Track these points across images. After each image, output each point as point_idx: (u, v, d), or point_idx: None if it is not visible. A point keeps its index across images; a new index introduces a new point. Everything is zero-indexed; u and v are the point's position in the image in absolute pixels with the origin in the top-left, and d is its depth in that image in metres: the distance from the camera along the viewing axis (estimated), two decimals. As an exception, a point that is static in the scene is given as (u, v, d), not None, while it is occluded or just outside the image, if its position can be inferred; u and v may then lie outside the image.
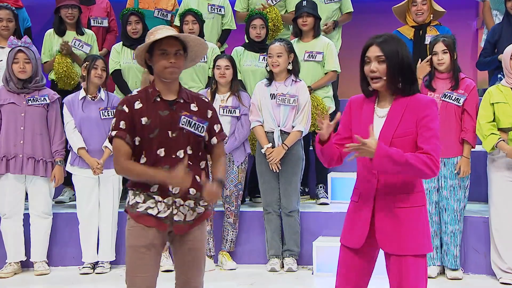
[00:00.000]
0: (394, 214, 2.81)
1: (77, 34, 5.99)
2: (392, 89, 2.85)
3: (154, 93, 3.05)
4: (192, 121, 3.04)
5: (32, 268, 5.27)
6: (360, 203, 2.90)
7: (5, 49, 5.62)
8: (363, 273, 2.95)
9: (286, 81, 5.17)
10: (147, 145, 3.00)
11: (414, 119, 2.80)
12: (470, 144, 4.92)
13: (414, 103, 2.82)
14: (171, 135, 3.01)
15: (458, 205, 4.94)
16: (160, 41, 2.98)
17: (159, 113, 3.01)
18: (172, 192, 3.01)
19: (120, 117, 3.01)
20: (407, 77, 2.83)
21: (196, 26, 5.80)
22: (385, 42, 2.81)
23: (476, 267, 5.09)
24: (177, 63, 3.00)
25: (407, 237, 2.80)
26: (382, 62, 2.81)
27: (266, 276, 5.11)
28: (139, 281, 3.03)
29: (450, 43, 4.94)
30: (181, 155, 3.02)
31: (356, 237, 2.88)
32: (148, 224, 3.02)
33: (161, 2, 6.46)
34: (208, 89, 5.40)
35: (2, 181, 5.17)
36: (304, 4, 5.79)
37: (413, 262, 2.80)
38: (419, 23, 5.66)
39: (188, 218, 3.06)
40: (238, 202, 5.34)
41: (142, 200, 3.03)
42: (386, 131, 2.83)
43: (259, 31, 5.79)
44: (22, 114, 5.12)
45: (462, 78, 4.97)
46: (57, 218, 5.40)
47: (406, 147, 2.78)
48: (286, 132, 5.16)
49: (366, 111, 2.91)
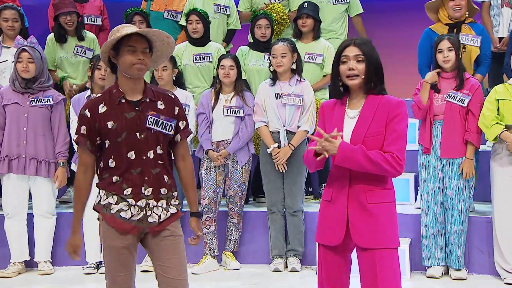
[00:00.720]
0: (367, 210, 2.92)
1: (78, 40, 6.00)
2: (366, 88, 2.97)
3: (118, 94, 2.99)
4: (160, 120, 2.99)
5: (36, 268, 5.28)
6: (333, 202, 2.99)
7: (11, 48, 5.65)
8: (344, 269, 3.05)
9: (290, 81, 5.17)
10: (116, 149, 2.96)
11: (384, 119, 2.92)
12: (474, 145, 4.90)
13: (385, 103, 2.95)
14: (140, 136, 2.97)
15: (463, 205, 4.92)
16: (127, 38, 2.93)
17: (125, 115, 2.96)
18: (145, 194, 2.99)
19: (82, 121, 2.99)
20: (380, 77, 2.97)
21: (199, 26, 5.81)
22: (362, 43, 2.96)
23: (481, 267, 5.08)
24: (144, 60, 2.95)
25: (381, 231, 2.92)
26: (361, 62, 2.93)
27: (270, 276, 5.11)
28: (120, 280, 3.04)
29: (455, 41, 4.92)
30: (152, 156, 2.99)
31: (334, 234, 2.97)
32: (122, 230, 2.99)
33: (173, 3, 6.46)
34: (212, 89, 5.40)
35: (5, 180, 5.18)
36: (305, 6, 5.80)
37: (387, 255, 2.92)
38: (456, 19, 5.45)
39: (162, 218, 3.03)
40: (241, 202, 5.34)
41: (114, 202, 3.00)
42: (358, 130, 2.94)
43: (264, 31, 5.80)
44: (25, 115, 5.13)
45: (467, 78, 4.95)
46: (61, 218, 5.40)
47: (378, 145, 2.91)
48: (291, 132, 5.16)
49: (337, 113, 3.02)
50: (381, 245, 2.91)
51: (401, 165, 2.89)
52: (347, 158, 2.84)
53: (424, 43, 5.56)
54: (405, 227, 5.12)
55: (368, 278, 2.94)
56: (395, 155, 2.87)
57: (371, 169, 2.87)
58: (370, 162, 2.84)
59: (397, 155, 2.88)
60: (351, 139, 2.93)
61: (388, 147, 2.90)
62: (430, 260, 4.97)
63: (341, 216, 2.95)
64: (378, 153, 2.87)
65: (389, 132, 2.91)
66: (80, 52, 5.95)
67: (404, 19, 7.48)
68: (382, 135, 2.92)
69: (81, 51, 5.95)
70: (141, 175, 2.98)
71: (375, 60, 2.94)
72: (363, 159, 2.84)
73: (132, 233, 3.01)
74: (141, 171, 2.97)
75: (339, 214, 2.96)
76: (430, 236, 4.97)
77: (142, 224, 3.01)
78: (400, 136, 2.92)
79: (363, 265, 2.97)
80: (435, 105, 4.94)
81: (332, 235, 2.98)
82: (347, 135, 2.95)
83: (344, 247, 3.01)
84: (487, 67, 5.53)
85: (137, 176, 2.98)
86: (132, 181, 2.97)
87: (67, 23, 5.93)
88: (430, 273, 4.96)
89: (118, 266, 3.03)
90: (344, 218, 2.95)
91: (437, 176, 4.97)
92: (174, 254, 3.04)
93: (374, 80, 2.95)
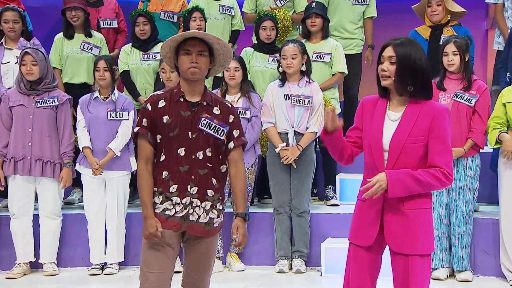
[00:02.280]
0: (403, 214, 2.89)
1: (86, 37, 6.02)
2: (400, 91, 2.91)
3: (178, 93, 3.11)
4: (213, 123, 3.09)
5: (41, 269, 5.28)
6: (369, 203, 2.95)
7: (13, 50, 5.66)
8: (373, 270, 3.03)
9: (299, 82, 5.17)
10: (167, 143, 3.06)
11: (427, 126, 2.87)
12: (474, 142, 4.87)
13: (428, 110, 2.90)
14: (191, 135, 3.06)
15: (467, 207, 4.91)
16: (184, 42, 3.04)
17: (180, 113, 3.07)
18: (190, 193, 3.06)
19: (143, 114, 3.10)
20: (418, 80, 2.89)
21: (203, 23, 5.86)
22: (400, 44, 2.91)
23: (486, 269, 5.06)
24: (199, 63, 3.04)
25: (415, 237, 2.89)
26: (393, 63, 2.89)
27: (275, 278, 5.10)
28: (152, 277, 3.05)
29: (461, 44, 4.91)
30: (201, 157, 3.06)
31: (367, 235, 2.96)
32: (164, 226, 3.06)
33: (169, 4, 6.47)
34: (218, 90, 5.40)
35: (11, 181, 5.19)
36: (313, 6, 5.79)
37: (420, 261, 2.90)
38: (434, 23, 5.60)
39: (201, 219, 3.10)
40: (247, 203, 5.33)
41: (160, 201, 3.08)
42: (399, 135, 2.89)
43: (269, 33, 5.79)
44: (31, 116, 5.14)
45: (475, 80, 4.95)
46: (66, 219, 5.42)
47: (417, 152, 2.88)
48: (299, 133, 5.16)
49: (378, 113, 2.98)
50: (416, 251, 2.89)
51: (450, 180, 2.87)
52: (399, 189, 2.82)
53: None
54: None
55: (400, 283, 2.93)
56: (445, 170, 2.84)
57: (423, 191, 2.86)
58: (421, 185, 2.83)
59: (447, 170, 2.84)
60: (390, 143, 2.90)
61: (436, 159, 2.85)
62: (434, 262, 4.95)
63: (375, 217, 2.94)
64: (426, 173, 2.84)
65: (435, 141, 2.87)
66: (86, 48, 5.96)
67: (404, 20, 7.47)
68: (423, 142, 2.88)
69: (88, 47, 5.97)
70: (188, 173, 3.05)
71: (410, 62, 2.87)
72: (414, 185, 2.83)
73: (174, 229, 3.06)
74: (188, 169, 3.05)
75: (373, 215, 2.94)
76: (435, 237, 4.95)
77: (184, 222, 3.07)
78: (448, 147, 2.88)
79: (396, 269, 2.96)
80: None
81: (364, 236, 2.98)
82: (387, 138, 2.92)
83: (375, 249, 2.99)
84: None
85: (185, 173, 3.05)
86: (179, 178, 3.05)
87: (72, 18, 5.95)
88: (435, 275, 4.93)
89: (152, 262, 3.06)
90: (377, 220, 2.94)
91: (443, 178, 4.96)
92: (204, 258, 3.16)
93: (410, 83, 2.88)
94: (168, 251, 3.08)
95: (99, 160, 5.15)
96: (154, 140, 3.08)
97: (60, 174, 5.19)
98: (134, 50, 5.96)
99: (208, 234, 3.14)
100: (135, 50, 5.95)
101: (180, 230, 3.09)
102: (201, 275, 3.19)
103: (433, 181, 2.83)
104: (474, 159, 4.94)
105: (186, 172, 3.05)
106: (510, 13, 5.85)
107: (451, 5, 5.60)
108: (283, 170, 5.18)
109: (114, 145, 5.17)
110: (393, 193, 2.83)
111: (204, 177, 3.08)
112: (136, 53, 5.94)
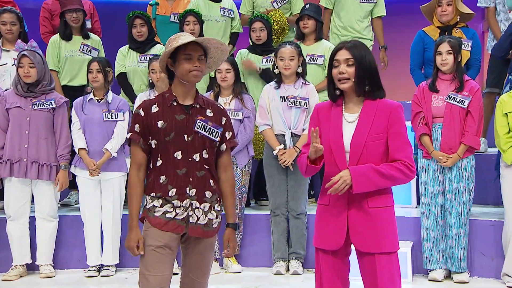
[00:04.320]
0: (367, 214, 2.94)
1: (83, 38, 6.02)
2: (358, 92, 2.97)
3: (170, 97, 3.12)
4: (207, 125, 3.11)
5: (38, 271, 5.29)
6: (332, 206, 2.99)
7: (11, 52, 5.66)
8: (342, 272, 3.06)
9: (295, 84, 5.17)
10: (164, 148, 3.08)
11: (385, 123, 2.94)
12: (468, 146, 4.84)
13: (383, 107, 2.96)
14: (187, 138, 3.08)
15: (463, 208, 4.90)
16: (184, 46, 3.08)
17: (175, 117, 3.09)
18: (189, 195, 3.08)
19: (136, 120, 3.11)
20: (374, 80, 2.97)
21: (197, 27, 5.88)
22: (354, 47, 2.98)
23: (483, 271, 5.05)
24: (200, 66, 3.09)
25: (382, 235, 2.94)
26: (351, 65, 2.94)
27: (272, 279, 5.10)
28: (153, 280, 3.06)
29: (455, 44, 4.91)
30: (197, 159, 3.09)
31: (334, 239, 2.99)
32: (165, 229, 3.08)
33: (179, 6, 6.48)
34: (211, 92, 5.40)
35: (7, 183, 5.20)
36: (307, 7, 5.80)
37: (386, 259, 2.95)
38: (444, 23, 5.55)
39: (200, 221, 3.12)
40: (242, 205, 5.33)
41: (159, 204, 3.09)
42: (358, 135, 2.94)
43: (258, 34, 5.81)
44: (27, 118, 5.14)
45: (466, 80, 4.94)
46: (63, 221, 5.42)
47: (378, 149, 2.93)
48: (296, 134, 5.16)
49: (334, 117, 3.02)
50: (382, 249, 2.94)
51: (413, 171, 2.93)
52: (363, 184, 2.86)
53: (416, 45, 5.63)
54: (407, 230, 5.11)
55: (369, 282, 2.98)
56: (406, 162, 2.90)
57: (388, 185, 2.91)
58: (385, 178, 2.88)
59: (408, 162, 2.90)
60: (351, 144, 2.94)
61: (396, 154, 2.91)
62: (431, 263, 4.96)
63: (341, 220, 2.96)
64: (389, 166, 2.89)
65: (393, 137, 2.93)
66: (86, 50, 5.98)
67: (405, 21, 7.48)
68: (383, 139, 2.93)
69: (87, 49, 5.98)
70: (186, 176, 3.07)
71: (367, 64, 2.95)
72: (378, 179, 2.87)
73: (175, 232, 3.08)
74: (186, 172, 3.07)
75: (339, 219, 2.97)
76: (431, 239, 4.96)
77: (185, 224, 3.09)
78: (406, 141, 2.94)
79: (364, 269, 3.00)
80: (434, 107, 4.92)
81: (332, 240, 3.00)
82: (347, 139, 2.96)
83: (342, 251, 3.02)
84: (477, 71, 5.56)
85: (182, 176, 3.07)
86: (177, 182, 3.07)
87: (73, 20, 5.95)
88: (432, 276, 4.94)
89: (153, 265, 3.07)
90: (344, 222, 2.96)
91: (437, 179, 4.95)
92: (203, 259, 3.18)
93: (367, 84, 2.96)
94: (168, 253, 3.10)
95: (96, 161, 5.16)
96: (147, 146, 3.11)
97: (57, 177, 5.19)
98: (131, 52, 5.96)
99: (207, 235, 3.16)
100: (132, 52, 5.96)
101: (181, 233, 3.11)
102: (199, 276, 3.21)
103: (396, 173, 2.89)
104: (469, 160, 4.92)
105: (183, 175, 3.07)
106: (503, 16, 5.85)
107: (461, 6, 5.56)
108: (279, 172, 5.18)
109: (111, 145, 5.18)
110: (358, 188, 2.87)
111: (202, 178, 3.10)
112: (133, 55, 5.95)
